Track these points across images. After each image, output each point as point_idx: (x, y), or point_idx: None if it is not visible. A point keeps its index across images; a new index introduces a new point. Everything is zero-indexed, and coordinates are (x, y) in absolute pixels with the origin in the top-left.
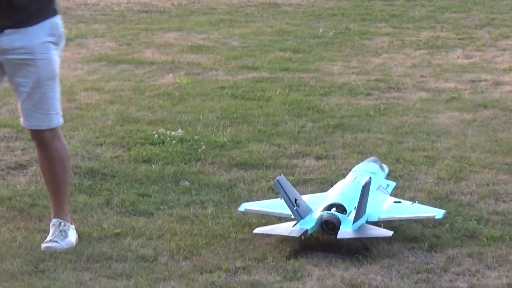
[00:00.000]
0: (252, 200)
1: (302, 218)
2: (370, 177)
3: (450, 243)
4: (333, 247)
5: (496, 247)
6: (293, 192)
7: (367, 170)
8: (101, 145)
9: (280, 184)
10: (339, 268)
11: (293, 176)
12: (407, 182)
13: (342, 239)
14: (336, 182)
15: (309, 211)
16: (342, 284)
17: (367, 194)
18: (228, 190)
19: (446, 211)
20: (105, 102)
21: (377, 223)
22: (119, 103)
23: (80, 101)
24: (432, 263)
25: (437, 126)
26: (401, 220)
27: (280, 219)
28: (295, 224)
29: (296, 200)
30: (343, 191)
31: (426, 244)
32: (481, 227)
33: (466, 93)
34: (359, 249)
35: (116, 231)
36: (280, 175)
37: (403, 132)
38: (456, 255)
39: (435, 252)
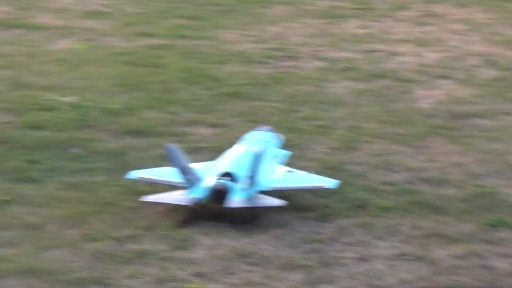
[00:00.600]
0: (144, 168)
1: (192, 186)
2: (263, 147)
3: (341, 213)
4: (224, 216)
5: (386, 218)
6: (184, 160)
7: (260, 139)
8: None
9: (171, 152)
10: (229, 238)
11: (185, 144)
12: (300, 151)
13: (233, 208)
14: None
15: (200, 179)
16: (233, 254)
17: (259, 163)
18: (119, 157)
19: (338, 181)
20: None
21: (269, 193)
22: (13, 69)
23: None
24: (322, 233)
25: (332, 95)
26: (293, 189)
27: (172, 187)
28: (185, 193)
29: (187, 168)
30: (235, 160)
31: (318, 214)
32: (372, 197)
33: (362, 63)
34: (250, 219)
35: (4, 198)
36: (171, 143)
37: (298, 101)
38: (347, 225)
39: (326, 222)
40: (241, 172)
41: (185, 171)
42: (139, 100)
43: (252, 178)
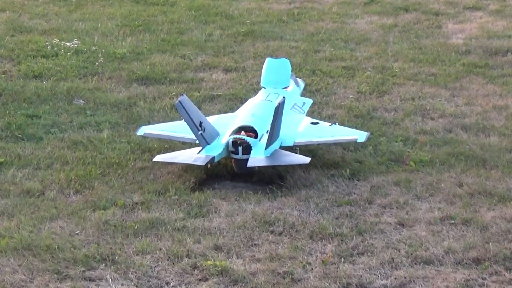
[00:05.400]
0: (154, 121)
1: (208, 143)
2: (284, 97)
3: (375, 169)
4: (244, 176)
5: (425, 173)
6: (197, 114)
7: (279, 82)
8: None
9: (182, 106)
10: (250, 202)
11: (199, 92)
12: (324, 98)
13: (253, 167)
14: (247, 99)
15: (216, 135)
16: (254, 221)
17: (281, 116)
18: (126, 109)
19: (369, 132)
20: None
21: (292, 148)
22: (11, 10)
23: None
24: (354, 193)
25: (356, 32)
26: (319, 144)
27: (184, 144)
28: (200, 151)
29: (201, 123)
30: (254, 111)
31: (348, 170)
32: (408, 149)
33: None
34: (273, 178)
35: (0, 160)
36: (182, 95)
37: (319, 40)
38: (382, 183)
39: (358, 180)
40: (262, 126)
41: (198, 127)
42: (147, 42)
43: (273, 132)
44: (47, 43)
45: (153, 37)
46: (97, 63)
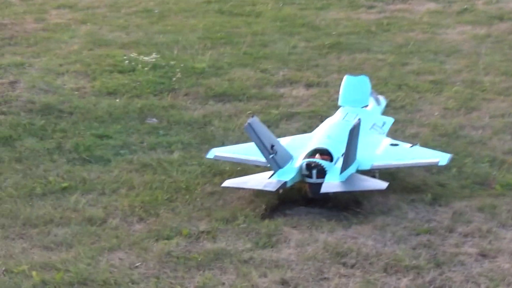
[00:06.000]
0: (228, 141)
1: (280, 167)
2: (359, 118)
3: (457, 193)
4: (318, 201)
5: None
6: (268, 136)
7: (357, 102)
8: (63, 74)
9: (252, 128)
10: (323, 230)
11: (277, 109)
12: (409, 115)
13: (328, 193)
14: (327, 117)
15: (288, 158)
16: (325, 252)
17: (356, 138)
18: (201, 128)
19: (452, 154)
20: (77, 21)
21: (370, 172)
22: (92, 23)
23: (49, 21)
24: (435, 220)
25: (447, 43)
26: (398, 167)
27: (258, 167)
28: (272, 175)
29: (272, 146)
30: (330, 132)
31: (429, 195)
32: (495, 171)
33: (480, 2)
34: (349, 204)
35: (64, 185)
36: (252, 116)
37: (408, 52)
38: (464, 209)
39: (440, 205)
40: (337, 148)
41: (270, 150)
42: (229, 56)
43: (349, 155)
44: (125, 57)
45: (234, 50)
46: (174, 78)
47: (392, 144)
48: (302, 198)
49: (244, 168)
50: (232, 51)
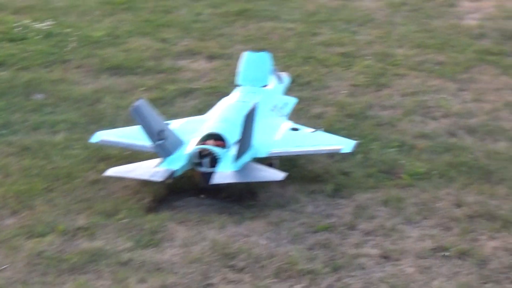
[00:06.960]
0: (118, 122)
1: (168, 154)
2: (255, 103)
3: (362, 184)
4: (210, 191)
5: (420, 189)
6: (157, 120)
7: (255, 81)
8: None
9: (138, 112)
10: (212, 226)
11: (174, 84)
12: (315, 92)
13: (220, 184)
14: (227, 94)
15: (179, 144)
16: (213, 253)
17: (252, 123)
18: (90, 106)
19: (356, 141)
20: None
21: (268, 160)
22: None
23: None
24: (335, 215)
25: (360, 11)
26: (298, 154)
27: (147, 152)
28: (160, 163)
29: (161, 131)
30: (226, 115)
31: (331, 186)
32: (403, 158)
33: None
34: (243, 195)
35: None
36: (139, 99)
37: (318, 21)
38: (368, 202)
39: (341, 197)
40: (232, 132)
41: (158, 135)
42: (128, 23)
43: (244, 142)
44: (16, 24)
45: (135, 17)
46: (68, 48)
47: (293, 129)
48: (192, 188)
49: (133, 154)
50: (132, 18)
